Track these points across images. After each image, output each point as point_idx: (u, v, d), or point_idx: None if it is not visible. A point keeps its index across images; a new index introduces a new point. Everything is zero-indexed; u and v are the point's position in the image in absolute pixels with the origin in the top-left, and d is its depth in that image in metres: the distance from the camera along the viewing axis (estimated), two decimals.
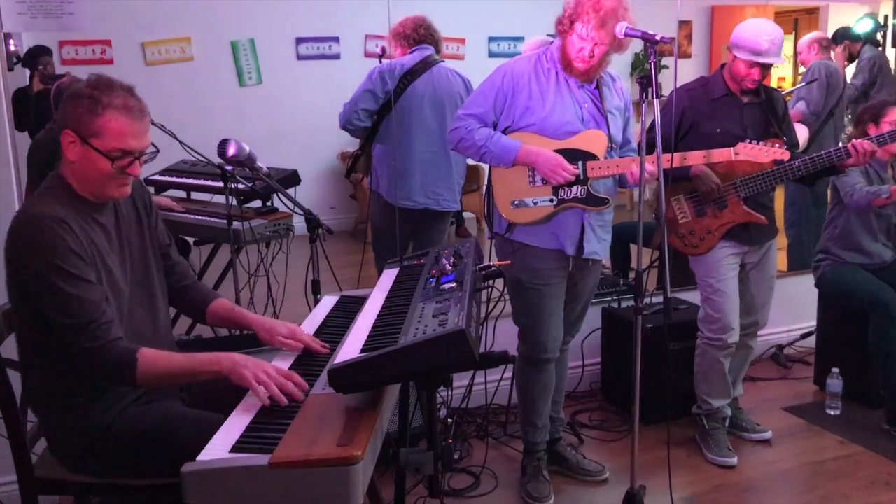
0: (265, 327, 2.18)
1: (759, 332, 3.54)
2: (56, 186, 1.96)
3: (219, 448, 1.60)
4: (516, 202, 2.86)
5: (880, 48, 5.09)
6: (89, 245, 1.91)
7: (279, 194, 2.77)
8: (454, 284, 2.04)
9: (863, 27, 5.17)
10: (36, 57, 3.65)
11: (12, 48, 3.17)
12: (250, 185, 3.34)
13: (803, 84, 4.79)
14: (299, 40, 4.46)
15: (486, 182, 3.00)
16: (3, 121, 2.82)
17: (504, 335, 3.15)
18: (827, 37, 5.00)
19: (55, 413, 2.01)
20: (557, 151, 2.77)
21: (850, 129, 4.38)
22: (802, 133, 4.72)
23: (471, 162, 3.88)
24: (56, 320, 1.85)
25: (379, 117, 3.68)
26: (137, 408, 2.04)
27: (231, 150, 2.55)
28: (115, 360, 1.86)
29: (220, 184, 3.32)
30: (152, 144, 2.00)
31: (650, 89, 2.47)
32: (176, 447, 1.78)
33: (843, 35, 5.07)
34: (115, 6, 3.80)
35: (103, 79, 1.93)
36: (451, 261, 2.24)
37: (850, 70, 5.14)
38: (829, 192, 4.89)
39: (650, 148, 2.54)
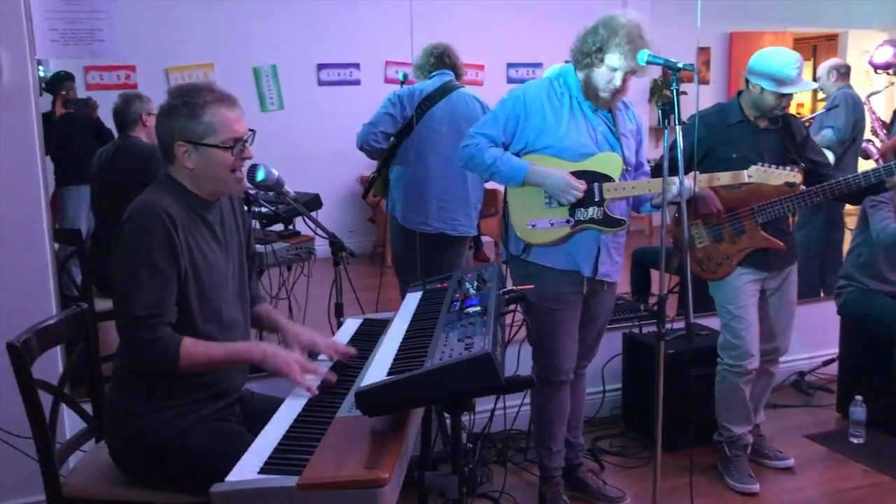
0: (291, 332, 2.30)
1: (781, 359, 3.52)
2: (166, 183, 2.10)
3: (247, 469, 1.61)
4: (532, 223, 2.87)
5: None
6: (186, 241, 2.03)
7: (304, 218, 2.80)
8: (478, 308, 2.05)
9: (882, 55, 5.17)
10: (59, 82, 3.74)
11: (40, 74, 3.25)
12: (273, 208, 3.37)
13: (825, 111, 4.79)
14: (321, 66, 4.53)
15: (502, 204, 3.02)
16: (34, 145, 2.87)
17: (527, 359, 3.15)
18: (846, 63, 5.01)
19: (125, 413, 2.08)
20: (573, 173, 2.79)
21: None
22: (830, 159, 4.73)
23: (489, 186, 3.92)
24: (123, 301, 1.97)
25: (397, 140, 3.70)
26: (202, 424, 2.10)
27: (261, 175, 2.60)
28: (161, 355, 1.97)
29: (244, 207, 3.36)
30: (249, 129, 2.14)
31: (672, 116, 2.50)
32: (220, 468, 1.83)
33: None
34: (141, 32, 3.88)
35: (184, 86, 2.10)
36: (475, 285, 2.25)
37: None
38: (843, 216, 4.90)
39: (672, 168, 2.55)
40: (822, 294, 4.82)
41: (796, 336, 3.55)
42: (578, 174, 2.79)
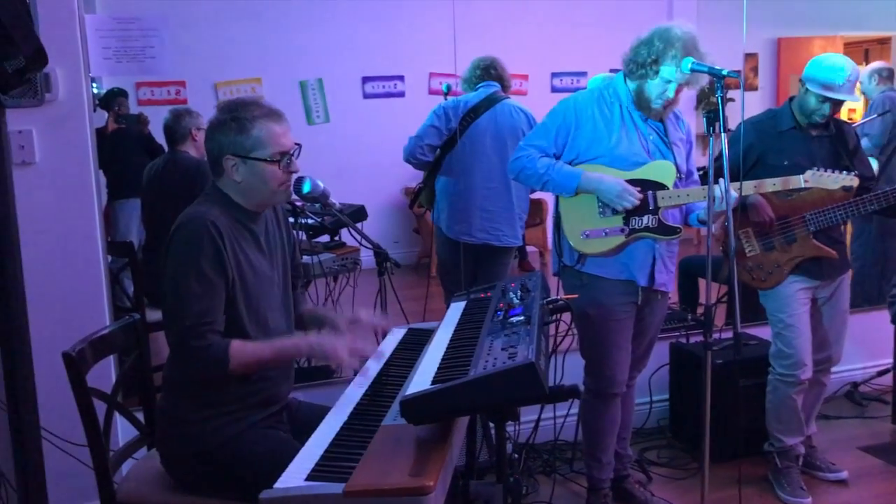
0: (334, 315, 2.38)
1: (833, 369, 3.45)
2: (213, 194, 2.16)
3: (295, 476, 1.64)
4: (587, 233, 2.85)
5: None
6: (233, 250, 2.07)
7: (349, 229, 2.84)
8: (522, 318, 2.05)
9: None
10: (113, 98, 3.84)
11: (94, 91, 3.34)
12: (319, 220, 3.41)
13: (870, 117, 4.69)
14: (365, 79, 4.57)
15: (553, 214, 3.01)
16: (89, 159, 2.95)
17: (571, 369, 3.14)
18: (889, 66, 4.90)
19: (175, 421, 2.13)
20: (627, 182, 2.77)
21: None
22: (873, 167, 4.62)
23: (534, 196, 3.92)
24: (173, 311, 2.02)
25: (442, 152, 3.73)
26: (250, 431, 2.13)
27: (307, 187, 2.65)
28: (211, 361, 2.01)
29: (290, 219, 3.41)
30: (295, 143, 2.18)
31: (717, 123, 2.47)
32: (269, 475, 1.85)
33: None
34: (190, 49, 3.97)
35: (232, 101, 2.14)
36: (519, 294, 2.25)
37: None
38: None
39: (718, 176, 2.52)
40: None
41: (850, 346, 3.47)
42: (632, 183, 2.77)
